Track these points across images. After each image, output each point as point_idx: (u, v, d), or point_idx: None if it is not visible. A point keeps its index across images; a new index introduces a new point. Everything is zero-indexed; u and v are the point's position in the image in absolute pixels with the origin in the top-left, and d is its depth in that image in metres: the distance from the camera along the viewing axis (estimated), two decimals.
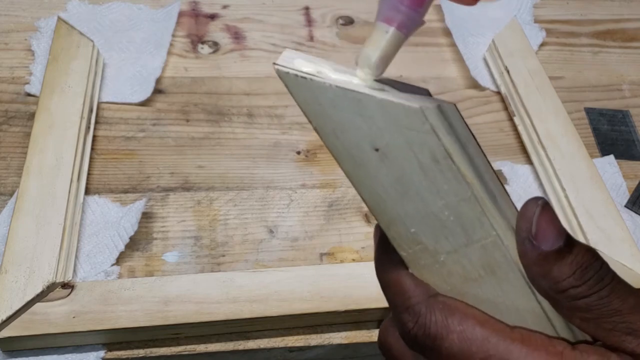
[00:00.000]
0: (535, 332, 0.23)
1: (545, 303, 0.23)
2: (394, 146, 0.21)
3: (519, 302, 0.23)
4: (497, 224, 0.22)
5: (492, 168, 0.22)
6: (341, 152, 0.22)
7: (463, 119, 0.21)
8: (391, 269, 0.24)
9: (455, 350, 0.22)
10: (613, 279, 0.22)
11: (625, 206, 0.53)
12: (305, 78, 0.21)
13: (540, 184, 0.54)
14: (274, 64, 0.22)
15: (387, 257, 0.25)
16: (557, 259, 0.21)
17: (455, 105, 0.21)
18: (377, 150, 0.21)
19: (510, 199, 0.23)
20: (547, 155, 0.54)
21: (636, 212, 0.53)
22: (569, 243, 0.22)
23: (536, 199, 0.22)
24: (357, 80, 0.22)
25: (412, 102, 0.20)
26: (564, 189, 0.51)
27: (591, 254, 0.22)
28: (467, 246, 0.22)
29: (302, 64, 0.21)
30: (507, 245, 0.22)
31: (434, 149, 0.21)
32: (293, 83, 0.21)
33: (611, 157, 0.57)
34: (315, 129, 0.22)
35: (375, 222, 0.24)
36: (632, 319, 0.21)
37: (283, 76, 0.21)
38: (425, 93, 0.22)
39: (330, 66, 0.22)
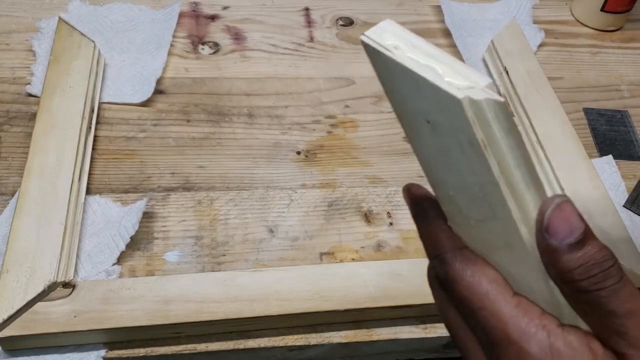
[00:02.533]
0: (534, 304, 0.25)
1: (557, 290, 0.25)
2: (441, 123, 0.24)
3: (532, 282, 0.25)
4: (518, 212, 0.24)
5: (531, 162, 0.24)
6: (402, 116, 0.26)
7: (508, 114, 0.23)
8: (426, 223, 0.28)
9: (462, 294, 0.26)
10: (618, 282, 0.23)
11: (624, 206, 0.54)
12: (379, 51, 0.24)
13: None
14: (362, 34, 0.24)
15: (423, 213, 0.28)
16: (566, 252, 0.23)
17: (504, 102, 0.23)
18: (428, 122, 0.24)
19: (544, 193, 0.25)
20: (545, 155, 0.54)
21: (634, 212, 0.53)
22: (582, 241, 0.23)
23: (556, 196, 0.24)
24: (434, 61, 0.24)
25: (459, 91, 0.22)
26: (562, 189, 0.51)
27: (603, 253, 0.23)
28: (491, 220, 0.25)
29: (387, 37, 0.24)
30: (524, 232, 0.24)
31: (470, 136, 0.23)
32: (371, 53, 0.25)
33: (610, 157, 0.57)
34: (386, 93, 0.26)
35: (401, 193, 0.30)
36: (625, 323, 0.23)
37: (364, 46, 0.25)
38: (489, 85, 0.24)
39: (413, 43, 0.24)
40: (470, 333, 0.26)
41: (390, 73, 0.25)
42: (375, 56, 0.24)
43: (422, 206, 0.28)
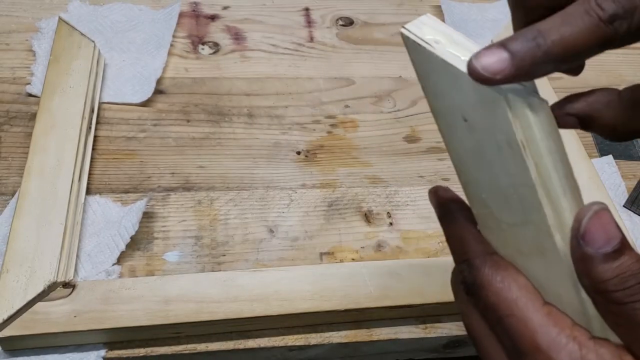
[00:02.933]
0: (564, 314, 0.24)
1: (589, 302, 0.24)
2: (479, 121, 0.23)
3: (562, 291, 0.24)
4: (553, 218, 0.23)
5: (569, 166, 0.23)
6: (438, 112, 0.25)
7: (551, 116, 0.23)
8: (454, 226, 0.27)
9: (490, 301, 0.25)
10: None
11: (624, 206, 0.54)
12: (420, 45, 0.23)
13: None
14: (403, 27, 0.24)
15: (450, 215, 0.28)
16: (602, 262, 0.22)
17: (547, 102, 0.22)
18: (465, 120, 0.24)
19: (581, 199, 0.24)
20: None
21: (634, 212, 0.53)
22: (618, 251, 0.22)
23: (594, 203, 0.23)
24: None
25: (501, 90, 0.22)
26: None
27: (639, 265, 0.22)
28: (524, 225, 0.24)
29: (427, 31, 0.24)
30: (558, 239, 0.23)
31: (509, 136, 0.22)
32: (410, 46, 0.24)
33: (610, 157, 0.57)
34: (422, 88, 0.25)
35: (430, 193, 0.29)
36: None
37: (404, 39, 0.24)
38: (530, 85, 0.23)
39: (453, 38, 0.24)
40: (495, 341, 0.25)
41: (429, 67, 0.24)
42: (414, 49, 0.24)
43: (450, 208, 0.28)
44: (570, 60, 0.23)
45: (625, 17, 0.22)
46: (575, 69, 0.28)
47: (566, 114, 0.28)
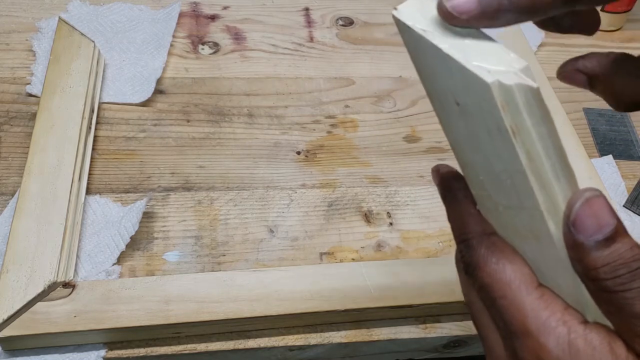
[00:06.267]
0: (558, 297, 0.24)
1: (584, 287, 0.23)
2: (470, 105, 0.23)
3: (558, 275, 0.24)
4: (546, 204, 0.23)
5: (563, 152, 0.23)
6: (433, 95, 0.25)
7: (542, 101, 0.22)
8: (455, 205, 0.28)
9: (484, 282, 0.25)
10: None
11: (624, 206, 0.54)
12: (411, 28, 0.23)
13: None
14: (394, 8, 0.24)
15: (451, 194, 0.28)
16: (593, 250, 0.22)
17: (538, 88, 0.22)
18: (457, 104, 0.23)
19: (576, 185, 0.23)
20: None
21: (634, 212, 0.53)
22: (611, 238, 0.22)
23: (586, 190, 0.23)
24: (467, 40, 0.23)
25: (489, 75, 0.21)
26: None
27: (633, 253, 0.22)
28: (519, 209, 0.24)
29: (419, 14, 0.24)
30: (552, 224, 0.23)
31: (499, 122, 0.22)
32: (402, 28, 0.24)
33: (610, 157, 0.57)
34: (416, 70, 0.25)
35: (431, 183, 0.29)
36: None
37: (396, 21, 0.24)
38: (525, 67, 0.23)
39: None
40: (491, 321, 0.26)
41: (421, 50, 0.24)
42: (406, 32, 0.24)
43: (452, 187, 0.28)
44: (534, 13, 0.23)
45: None
46: (588, 28, 0.29)
47: (576, 70, 0.28)
